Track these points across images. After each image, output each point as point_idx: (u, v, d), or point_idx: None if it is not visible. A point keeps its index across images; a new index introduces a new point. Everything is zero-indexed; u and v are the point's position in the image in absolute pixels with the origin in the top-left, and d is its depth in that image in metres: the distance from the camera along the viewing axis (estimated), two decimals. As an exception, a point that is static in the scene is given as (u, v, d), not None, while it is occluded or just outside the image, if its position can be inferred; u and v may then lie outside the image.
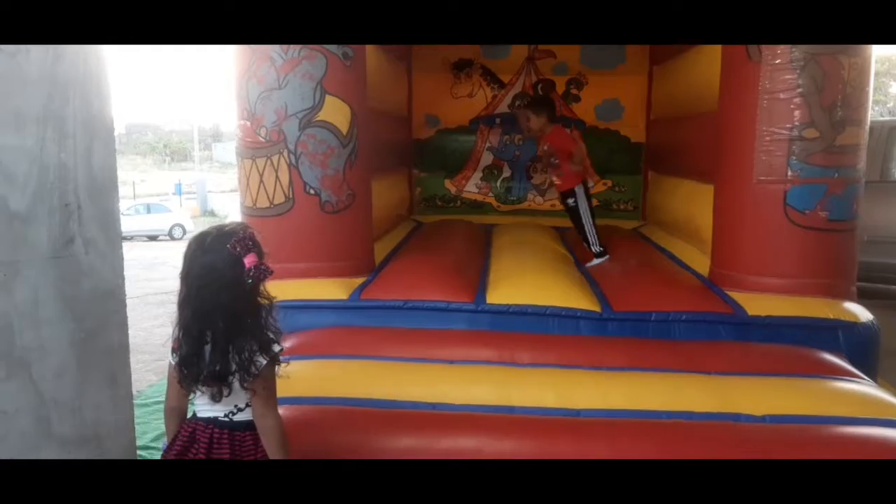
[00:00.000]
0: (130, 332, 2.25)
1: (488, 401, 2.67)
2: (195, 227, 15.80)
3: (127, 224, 20.84)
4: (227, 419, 1.84)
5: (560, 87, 5.98)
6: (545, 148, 4.42)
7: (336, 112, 3.48)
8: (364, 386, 2.71)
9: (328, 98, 3.45)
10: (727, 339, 3.21)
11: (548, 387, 2.75)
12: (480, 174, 6.13)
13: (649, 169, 5.87)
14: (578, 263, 4.32)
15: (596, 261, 4.23)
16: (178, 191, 32.34)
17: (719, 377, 2.84)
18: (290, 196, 3.49)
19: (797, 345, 3.14)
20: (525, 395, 2.70)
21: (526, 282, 3.59)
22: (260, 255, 1.85)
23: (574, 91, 5.98)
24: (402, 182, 5.86)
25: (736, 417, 2.59)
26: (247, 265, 1.79)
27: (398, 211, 5.59)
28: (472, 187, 6.15)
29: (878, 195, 6.05)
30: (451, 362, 2.96)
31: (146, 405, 3.92)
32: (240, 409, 1.84)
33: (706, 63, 4.03)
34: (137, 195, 30.25)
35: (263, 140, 3.46)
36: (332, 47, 3.42)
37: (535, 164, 6.08)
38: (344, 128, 3.52)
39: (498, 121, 6.08)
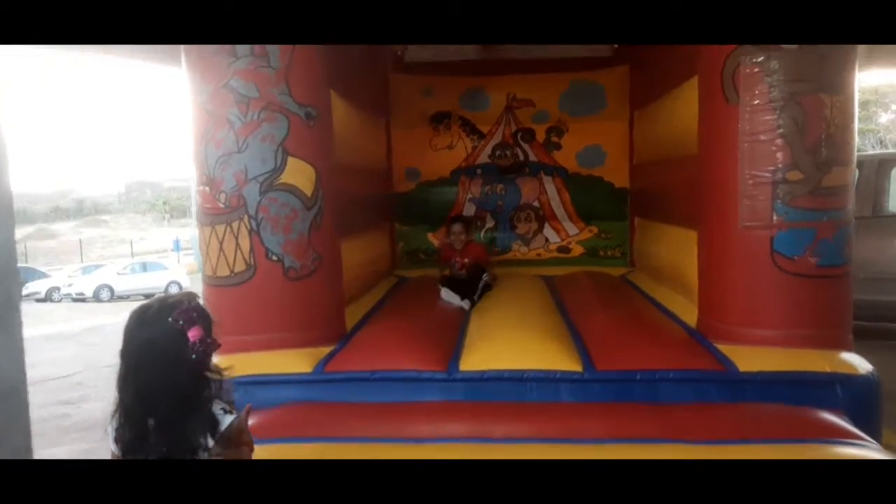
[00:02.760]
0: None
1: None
2: (191, 284, 15.56)
3: (123, 283, 20.91)
4: None
5: (540, 135, 5.89)
6: (466, 261, 5.06)
7: (299, 174, 3.35)
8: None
9: (290, 160, 3.31)
10: (717, 400, 3.00)
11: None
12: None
13: (635, 214, 5.73)
14: (564, 313, 4.16)
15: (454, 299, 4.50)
16: (177, 247, 32.30)
17: (708, 447, 2.62)
18: (252, 263, 3.32)
19: (793, 404, 2.92)
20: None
21: (504, 343, 3.39)
22: (207, 327, 1.72)
23: (555, 139, 5.89)
24: (382, 237, 5.71)
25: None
26: (191, 339, 1.66)
27: (378, 267, 5.42)
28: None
29: (872, 231, 5.91)
30: (420, 441, 2.74)
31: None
32: None
33: (685, 106, 3.92)
34: (136, 253, 30.15)
35: (223, 206, 3.31)
36: (295, 107, 3.30)
37: (518, 213, 5.95)
38: (308, 190, 3.38)
39: (479, 171, 5.97)
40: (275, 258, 3.32)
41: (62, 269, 26.08)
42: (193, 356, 1.66)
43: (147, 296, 20.60)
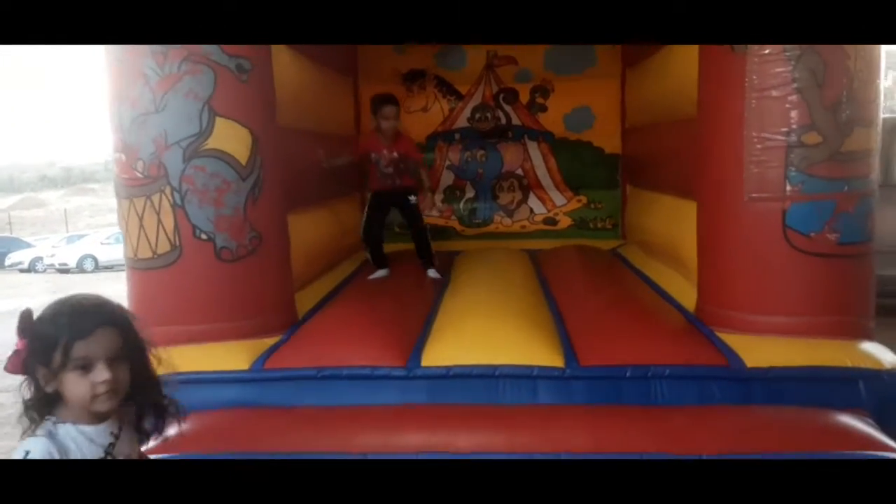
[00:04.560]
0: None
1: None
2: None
3: (107, 253, 20.37)
4: None
5: (524, 96, 5.36)
6: (395, 156, 4.34)
7: (230, 138, 2.85)
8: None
9: (219, 121, 2.81)
10: (722, 402, 2.56)
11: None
12: (441, 196, 5.49)
13: (628, 183, 5.24)
14: (547, 291, 3.72)
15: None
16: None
17: (714, 461, 2.18)
18: (177, 243, 2.84)
19: (809, 404, 2.49)
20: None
21: (475, 332, 2.94)
22: (31, 343, 1.43)
23: (539, 100, 5.36)
24: (351, 209, 5.21)
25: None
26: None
27: (346, 242, 4.94)
28: (432, 210, 5.49)
29: (882, 200, 5.45)
30: (366, 457, 2.30)
31: None
32: None
33: (683, 60, 3.40)
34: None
35: (141, 175, 2.82)
36: (222, 59, 2.79)
37: (500, 182, 5.45)
38: (242, 157, 2.88)
39: (457, 136, 5.45)
40: (204, 237, 2.84)
41: (48, 239, 25.49)
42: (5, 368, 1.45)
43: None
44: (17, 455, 1.37)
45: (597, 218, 5.47)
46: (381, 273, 4.26)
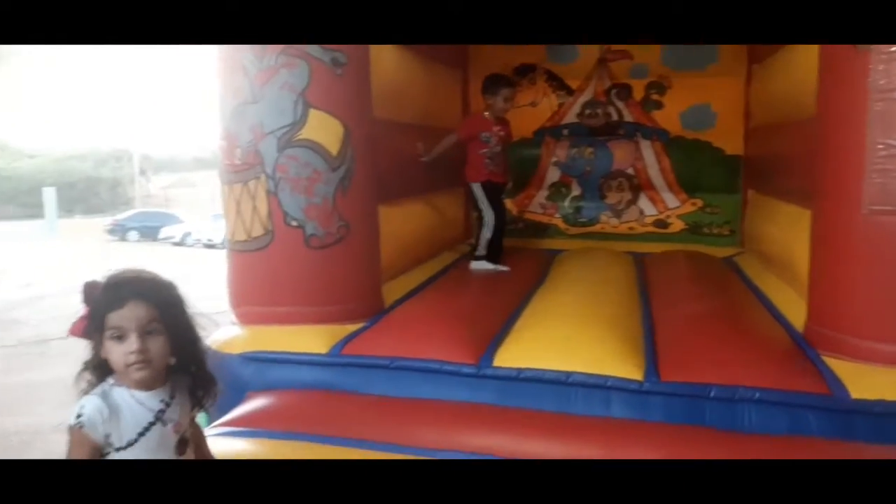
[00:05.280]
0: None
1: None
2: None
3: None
4: None
5: (638, 92, 5.11)
6: (503, 133, 4.31)
7: (323, 129, 2.93)
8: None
9: (312, 112, 2.90)
10: (816, 434, 2.31)
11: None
12: (546, 192, 5.37)
13: (749, 187, 4.87)
14: (645, 298, 3.54)
15: (477, 265, 4.17)
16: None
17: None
18: (270, 228, 2.96)
19: (923, 448, 2.20)
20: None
21: (553, 335, 2.85)
22: (92, 310, 1.54)
23: (655, 96, 5.09)
24: (454, 203, 5.23)
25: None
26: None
27: (447, 234, 4.96)
28: (535, 207, 5.40)
29: None
30: (430, 453, 2.29)
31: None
32: None
33: (810, 55, 3.10)
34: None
35: (239, 162, 2.97)
36: (318, 52, 2.87)
37: (609, 181, 5.25)
38: (333, 148, 2.96)
39: (566, 132, 5.30)
40: (294, 223, 2.94)
41: (198, 216, 27.78)
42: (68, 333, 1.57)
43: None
44: (74, 409, 1.50)
45: (712, 223, 5.13)
46: (498, 268, 4.16)
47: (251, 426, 2.51)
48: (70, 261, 16.09)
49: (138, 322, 1.49)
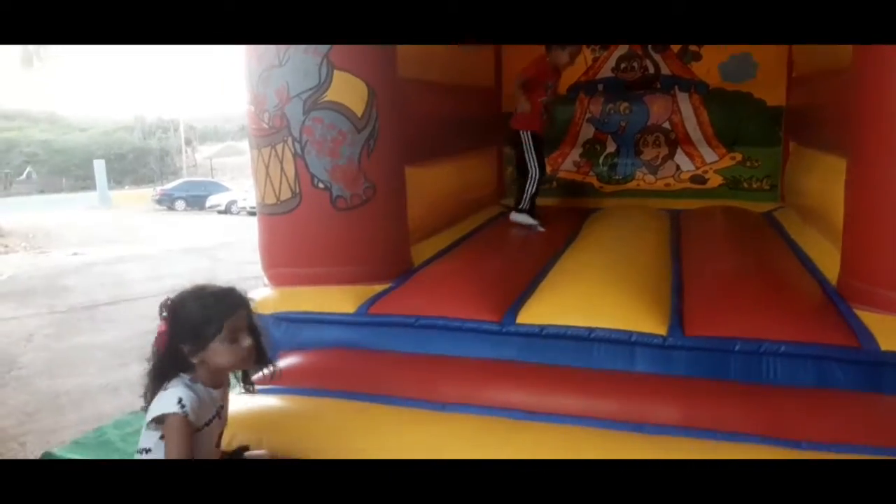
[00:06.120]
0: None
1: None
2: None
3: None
4: None
5: (675, 44, 4.96)
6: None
7: (347, 90, 2.95)
8: (319, 439, 2.19)
9: (337, 74, 2.92)
10: (844, 387, 2.28)
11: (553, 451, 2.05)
12: (580, 150, 5.29)
13: (790, 139, 4.71)
14: (677, 255, 3.50)
15: (518, 217, 4.20)
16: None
17: (817, 453, 1.97)
18: (297, 191, 3.02)
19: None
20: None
21: (578, 293, 2.85)
22: (176, 325, 1.78)
23: (693, 47, 4.94)
24: (487, 162, 5.21)
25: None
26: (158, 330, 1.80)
27: (479, 194, 4.97)
28: (569, 165, 5.33)
29: None
30: (445, 407, 2.35)
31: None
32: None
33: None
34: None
35: (266, 126, 3.02)
36: (340, 13, 2.87)
37: (645, 136, 5.15)
38: (358, 109, 2.98)
39: (600, 87, 5.19)
40: (321, 185, 2.99)
41: (242, 184, 28.27)
42: (154, 346, 1.79)
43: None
44: (171, 399, 1.73)
45: (752, 177, 4.99)
46: (536, 225, 4.17)
47: (283, 385, 2.60)
48: (117, 230, 16.66)
49: (245, 324, 1.80)
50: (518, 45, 5.16)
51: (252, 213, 21.09)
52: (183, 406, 1.71)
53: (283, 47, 2.89)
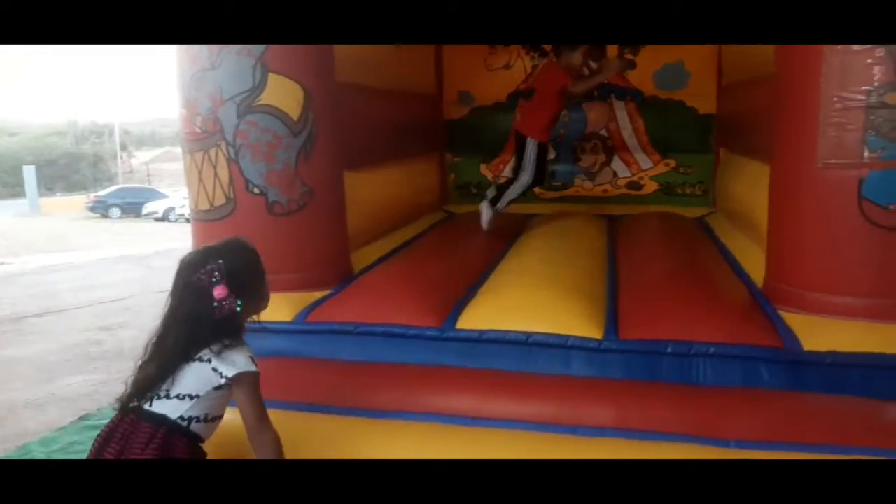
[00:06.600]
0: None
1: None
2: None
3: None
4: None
5: (612, 52, 5.08)
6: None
7: (282, 94, 2.90)
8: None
9: (271, 77, 2.87)
10: (770, 386, 2.37)
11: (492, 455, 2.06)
12: (519, 157, 5.35)
13: (721, 146, 4.88)
14: (613, 260, 3.57)
15: (484, 209, 4.19)
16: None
17: (741, 451, 2.04)
18: (231, 196, 2.96)
19: (872, 397, 2.25)
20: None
21: (516, 297, 2.88)
22: (237, 282, 1.84)
23: (628, 55, 5.07)
24: (430, 169, 5.23)
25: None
26: (216, 297, 1.79)
27: (423, 200, 4.97)
28: (509, 172, 5.37)
29: None
30: (382, 415, 2.33)
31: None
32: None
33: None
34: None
35: (199, 130, 2.94)
36: (275, 16, 2.83)
37: (582, 143, 5.25)
38: (294, 112, 2.93)
39: (539, 95, 5.27)
40: (256, 191, 2.94)
41: (181, 191, 27.55)
42: (216, 315, 1.78)
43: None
44: (243, 358, 1.84)
45: (685, 183, 5.15)
46: (486, 222, 4.20)
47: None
48: (47, 238, 15.99)
49: None
50: (459, 54, 5.24)
51: (189, 220, 20.79)
52: (256, 366, 1.82)
53: (215, 49, 2.83)
